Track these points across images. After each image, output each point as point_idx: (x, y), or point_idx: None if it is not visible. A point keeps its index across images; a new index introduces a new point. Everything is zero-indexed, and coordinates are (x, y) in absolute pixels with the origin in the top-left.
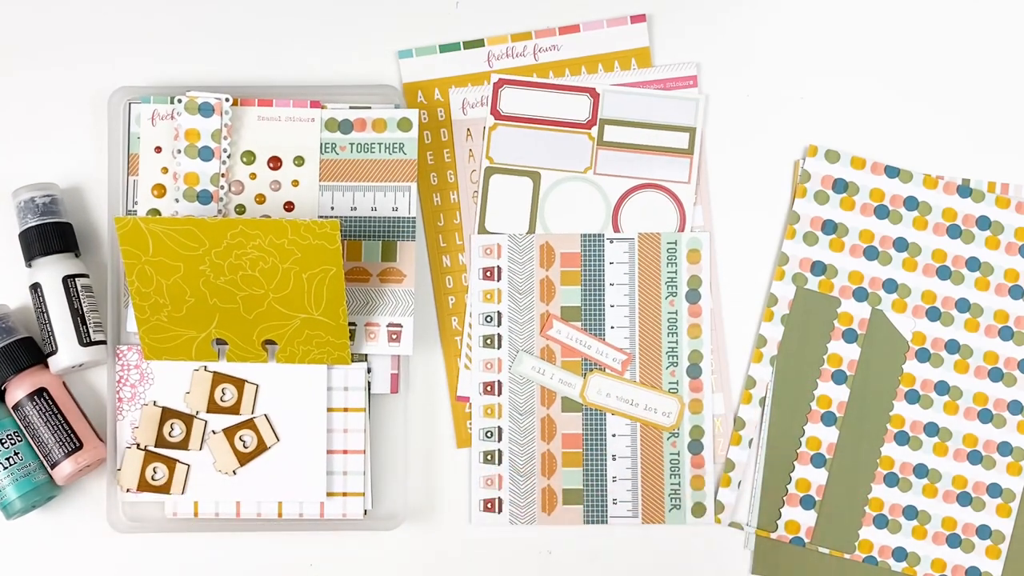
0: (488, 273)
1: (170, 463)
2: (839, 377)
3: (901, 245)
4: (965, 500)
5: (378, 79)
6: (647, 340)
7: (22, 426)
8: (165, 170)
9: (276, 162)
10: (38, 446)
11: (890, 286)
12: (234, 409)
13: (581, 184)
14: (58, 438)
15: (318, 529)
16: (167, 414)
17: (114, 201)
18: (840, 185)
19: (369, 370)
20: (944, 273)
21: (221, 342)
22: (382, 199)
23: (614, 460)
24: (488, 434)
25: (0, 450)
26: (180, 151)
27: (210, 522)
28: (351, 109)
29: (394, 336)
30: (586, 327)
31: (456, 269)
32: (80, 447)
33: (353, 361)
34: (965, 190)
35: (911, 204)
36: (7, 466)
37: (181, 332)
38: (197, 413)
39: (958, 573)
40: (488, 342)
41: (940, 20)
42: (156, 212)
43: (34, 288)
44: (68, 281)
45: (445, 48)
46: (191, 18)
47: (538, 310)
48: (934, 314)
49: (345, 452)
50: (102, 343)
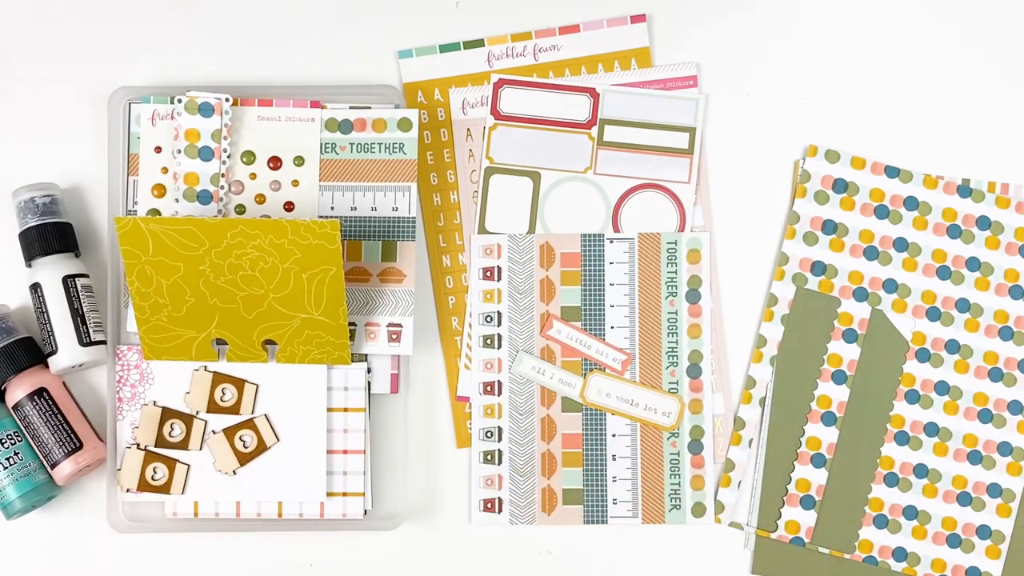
0: (488, 273)
1: (170, 463)
2: (839, 377)
3: (901, 245)
4: (965, 500)
5: (378, 79)
6: (647, 340)
7: (22, 426)
8: (165, 170)
9: (276, 162)
10: (38, 446)
11: (890, 286)
12: (234, 409)
13: (581, 184)
14: (58, 438)
15: (318, 529)
16: (167, 414)
17: (114, 201)
18: (840, 185)
19: (369, 370)
20: (944, 273)
21: (221, 342)
22: (382, 199)
23: (614, 460)
24: (488, 434)
25: (0, 450)
26: (180, 151)
27: (210, 522)
28: (351, 109)
29: (394, 336)
30: (586, 327)
31: (456, 269)
32: (80, 447)
33: (353, 361)
34: (965, 190)
35: (911, 204)
36: (7, 466)
37: (181, 332)
38: (197, 413)
39: (958, 573)
40: (488, 342)
41: (940, 20)
42: (156, 212)
43: (34, 288)
44: (68, 281)
45: (445, 48)
46: (191, 18)
47: (538, 310)
48: (934, 314)
49: (345, 452)
50: (102, 343)
